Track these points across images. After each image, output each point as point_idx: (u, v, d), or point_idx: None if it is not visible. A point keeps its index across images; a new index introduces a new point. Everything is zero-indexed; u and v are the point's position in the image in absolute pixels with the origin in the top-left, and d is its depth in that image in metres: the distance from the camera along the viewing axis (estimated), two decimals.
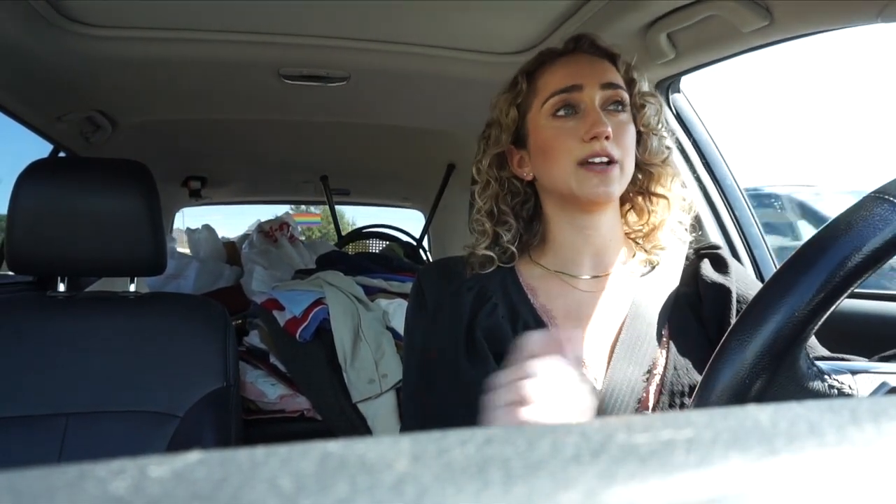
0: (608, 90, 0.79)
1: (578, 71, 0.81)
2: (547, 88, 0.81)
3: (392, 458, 0.15)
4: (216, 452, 0.15)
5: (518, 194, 0.87)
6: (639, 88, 0.84)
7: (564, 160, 0.78)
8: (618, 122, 0.78)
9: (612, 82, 0.80)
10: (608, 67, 0.82)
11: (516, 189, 0.86)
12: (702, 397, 0.46)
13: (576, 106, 0.79)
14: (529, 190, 0.87)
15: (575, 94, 0.79)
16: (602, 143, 0.76)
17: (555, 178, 0.80)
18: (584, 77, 0.79)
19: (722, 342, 0.47)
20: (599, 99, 0.79)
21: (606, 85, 0.79)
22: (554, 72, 0.82)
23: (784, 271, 0.46)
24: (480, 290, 0.81)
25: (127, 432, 1.14)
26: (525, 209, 0.88)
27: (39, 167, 1.21)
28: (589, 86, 0.79)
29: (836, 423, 0.17)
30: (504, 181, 0.86)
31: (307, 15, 1.23)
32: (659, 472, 0.14)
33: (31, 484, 0.14)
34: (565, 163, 0.78)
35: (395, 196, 3.41)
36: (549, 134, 0.80)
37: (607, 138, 0.76)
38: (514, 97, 0.84)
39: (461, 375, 0.74)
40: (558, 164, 0.79)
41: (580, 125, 0.78)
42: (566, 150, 0.78)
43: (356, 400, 1.49)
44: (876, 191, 0.46)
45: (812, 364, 0.48)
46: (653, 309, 0.78)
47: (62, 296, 1.26)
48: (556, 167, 0.79)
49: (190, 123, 1.97)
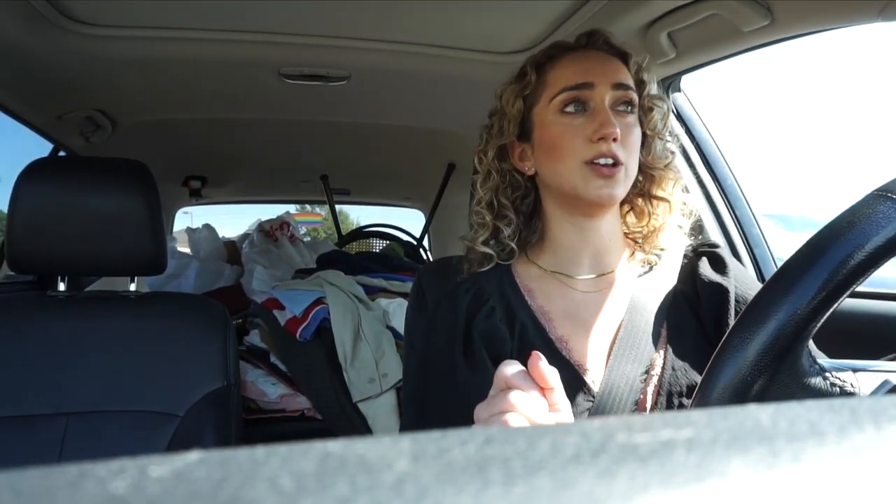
0: (619, 90, 0.78)
1: (591, 68, 0.79)
2: (557, 83, 0.80)
3: (392, 457, 0.15)
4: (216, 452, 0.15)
5: (518, 188, 0.85)
6: (648, 91, 0.83)
7: (570, 158, 0.77)
8: (625, 124, 0.77)
9: (624, 83, 0.79)
10: (620, 67, 0.81)
11: (517, 183, 0.85)
12: (703, 394, 0.46)
13: (585, 104, 0.78)
14: (530, 185, 0.86)
15: (586, 91, 0.78)
16: (609, 145, 0.75)
17: (558, 175, 0.79)
18: (597, 75, 0.78)
19: (724, 339, 0.47)
20: (610, 99, 0.78)
21: (618, 85, 0.78)
22: (565, 66, 0.81)
23: (787, 269, 0.45)
24: (477, 292, 0.80)
25: (127, 432, 1.14)
26: (525, 204, 0.87)
27: (39, 166, 1.22)
28: (601, 84, 0.78)
29: (837, 422, 0.17)
30: (505, 173, 0.85)
31: (307, 14, 1.23)
32: (659, 472, 0.14)
33: (31, 483, 0.14)
34: (571, 161, 0.77)
35: (395, 195, 3.41)
36: (555, 130, 0.79)
37: (615, 140, 0.75)
38: (522, 88, 0.83)
39: (458, 378, 0.73)
40: (563, 163, 0.78)
41: (588, 124, 0.77)
42: (572, 149, 0.77)
43: (356, 399, 1.49)
44: (879, 188, 0.45)
45: (814, 362, 0.48)
46: (651, 309, 0.78)
47: (62, 295, 1.26)
48: (561, 165, 0.78)
49: (190, 123, 1.97)
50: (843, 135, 62.08)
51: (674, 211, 0.84)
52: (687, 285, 0.81)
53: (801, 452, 0.15)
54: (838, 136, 64.37)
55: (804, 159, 58.06)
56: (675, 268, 0.83)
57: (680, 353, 0.75)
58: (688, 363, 0.74)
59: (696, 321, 0.79)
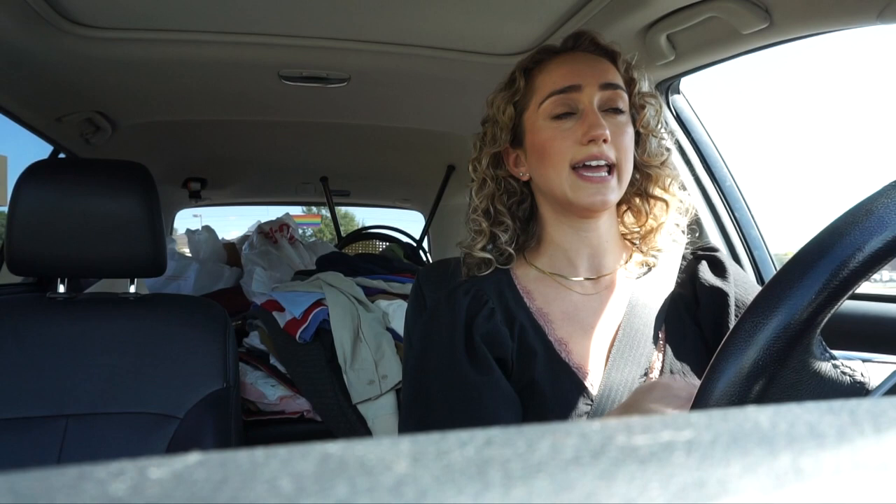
0: (608, 91, 0.78)
1: (578, 70, 0.79)
2: (545, 87, 0.80)
3: (392, 459, 0.15)
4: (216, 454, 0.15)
5: (514, 194, 0.85)
6: (639, 88, 0.82)
7: (560, 163, 0.77)
8: (616, 124, 0.77)
9: (612, 83, 0.78)
10: (608, 67, 0.81)
11: (512, 189, 0.85)
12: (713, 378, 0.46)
13: (574, 106, 0.78)
14: (526, 190, 0.86)
15: (573, 94, 0.77)
16: (599, 147, 0.74)
17: (550, 181, 0.78)
18: (584, 77, 0.78)
19: (735, 325, 0.47)
20: (598, 100, 0.77)
21: (606, 85, 0.78)
22: (552, 70, 0.81)
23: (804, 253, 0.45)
24: (476, 293, 0.80)
25: (126, 434, 1.14)
26: (521, 209, 0.87)
27: (39, 168, 1.22)
28: (588, 86, 0.77)
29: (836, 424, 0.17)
30: (500, 180, 0.85)
31: (307, 16, 1.23)
32: (659, 473, 0.14)
33: (31, 485, 0.14)
34: (561, 166, 0.77)
35: (394, 197, 3.41)
36: (545, 135, 0.78)
37: (605, 141, 0.74)
38: (512, 95, 0.83)
39: (463, 378, 0.73)
40: (554, 168, 0.77)
41: (578, 127, 0.76)
42: (562, 153, 0.76)
43: (356, 401, 1.49)
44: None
45: (825, 349, 0.48)
46: (650, 311, 0.78)
47: (62, 297, 1.26)
48: (551, 170, 0.78)
49: (190, 125, 1.97)
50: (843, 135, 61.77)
51: (671, 210, 0.84)
52: (686, 289, 0.81)
53: (801, 454, 0.15)
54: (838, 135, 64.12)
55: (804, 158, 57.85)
56: (673, 270, 0.83)
57: (679, 356, 0.75)
58: (686, 366, 0.74)
59: (694, 325, 0.78)
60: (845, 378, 0.49)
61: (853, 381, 0.49)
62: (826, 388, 0.48)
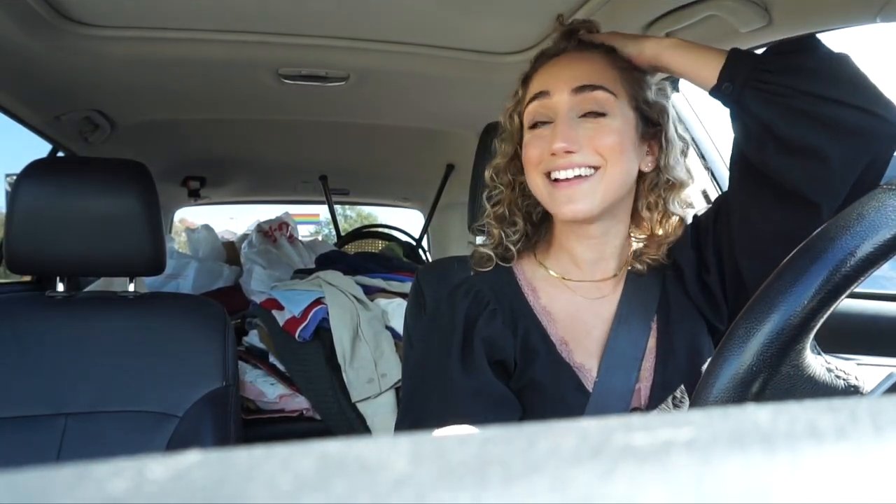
0: (580, 94, 0.74)
1: (552, 75, 0.77)
2: (527, 96, 0.79)
3: (391, 457, 0.15)
4: (215, 452, 0.15)
5: (529, 196, 0.84)
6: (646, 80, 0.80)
7: (533, 173, 0.76)
8: (596, 128, 0.73)
9: (588, 84, 0.74)
10: (590, 66, 0.76)
11: (527, 192, 0.84)
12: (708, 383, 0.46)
13: (548, 115, 0.75)
14: None
15: (545, 100, 0.75)
16: (565, 158, 0.72)
17: (533, 189, 0.79)
18: (554, 83, 0.75)
19: (729, 329, 0.47)
20: (571, 104, 0.74)
21: (579, 88, 0.74)
22: (536, 77, 0.80)
23: (794, 259, 0.45)
24: (477, 294, 0.80)
25: (126, 432, 1.14)
26: (536, 212, 0.86)
27: (38, 167, 1.21)
28: (557, 91, 0.74)
29: (836, 423, 0.17)
30: (516, 185, 0.84)
31: (306, 15, 1.22)
32: (658, 472, 0.14)
33: (29, 484, 0.14)
34: (535, 176, 0.76)
35: (394, 196, 3.41)
36: (526, 145, 0.78)
37: (570, 152, 0.72)
38: (515, 105, 0.83)
39: (453, 381, 0.73)
40: (531, 177, 0.77)
41: (551, 136, 0.74)
42: (535, 163, 0.76)
43: (355, 399, 1.49)
44: (887, 182, 0.45)
45: (819, 353, 0.48)
46: (648, 309, 0.78)
47: (61, 296, 1.26)
48: (531, 179, 0.78)
49: (189, 123, 1.97)
50: None
51: (683, 226, 0.82)
52: (675, 270, 0.81)
53: (800, 452, 0.15)
54: None
55: None
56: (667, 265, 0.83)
57: (675, 353, 0.75)
58: (683, 364, 0.75)
59: (687, 299, 0.78)
60: (839, 382, 0.49)
61: (847, 384, 0.49)
62: (820, 392, 0.48)
